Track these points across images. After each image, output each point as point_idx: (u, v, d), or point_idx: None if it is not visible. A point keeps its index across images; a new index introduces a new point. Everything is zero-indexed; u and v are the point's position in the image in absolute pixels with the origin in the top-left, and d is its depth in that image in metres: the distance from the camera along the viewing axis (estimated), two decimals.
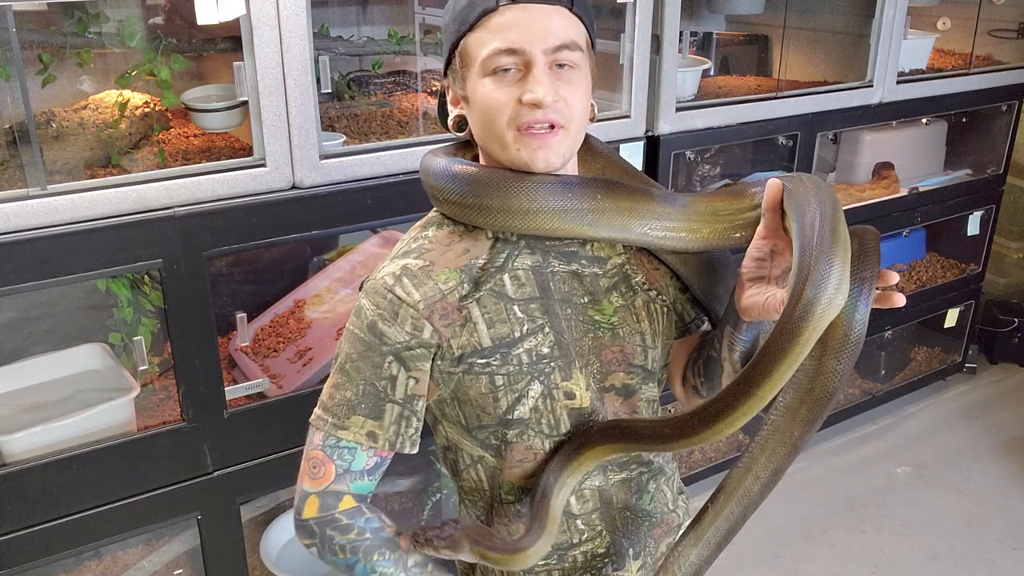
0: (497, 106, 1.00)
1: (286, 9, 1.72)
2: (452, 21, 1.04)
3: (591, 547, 1.16)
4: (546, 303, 1.08)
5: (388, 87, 2.29)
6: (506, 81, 0.99)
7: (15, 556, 1.74)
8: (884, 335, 3.34)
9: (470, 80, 1.03)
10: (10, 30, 1.55)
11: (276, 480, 2.05)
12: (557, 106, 0.99)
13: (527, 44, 0.98)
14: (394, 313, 1.04)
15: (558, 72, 1.00)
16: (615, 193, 1.06)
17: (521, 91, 0.98)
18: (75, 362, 2.01)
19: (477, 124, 1.05)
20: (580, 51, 1.01)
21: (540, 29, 0.98)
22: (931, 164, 3.37)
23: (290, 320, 2.28)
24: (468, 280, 1.06)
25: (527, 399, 1.08)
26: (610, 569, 1.17)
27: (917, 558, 2.71)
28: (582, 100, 1.02)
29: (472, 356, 1.05)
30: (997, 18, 3.25)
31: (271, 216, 1.82)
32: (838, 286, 0.88)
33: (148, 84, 1.94)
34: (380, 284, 1.06)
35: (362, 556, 1.05)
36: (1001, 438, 3.31)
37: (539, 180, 1.03)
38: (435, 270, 1.06)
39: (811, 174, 1.03)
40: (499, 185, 1.03)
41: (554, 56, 0.99)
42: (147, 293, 1.97)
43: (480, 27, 1.00)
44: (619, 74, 2.27)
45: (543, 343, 1.07)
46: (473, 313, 1.05)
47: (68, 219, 1.63)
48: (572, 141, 1.03)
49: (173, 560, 2.12)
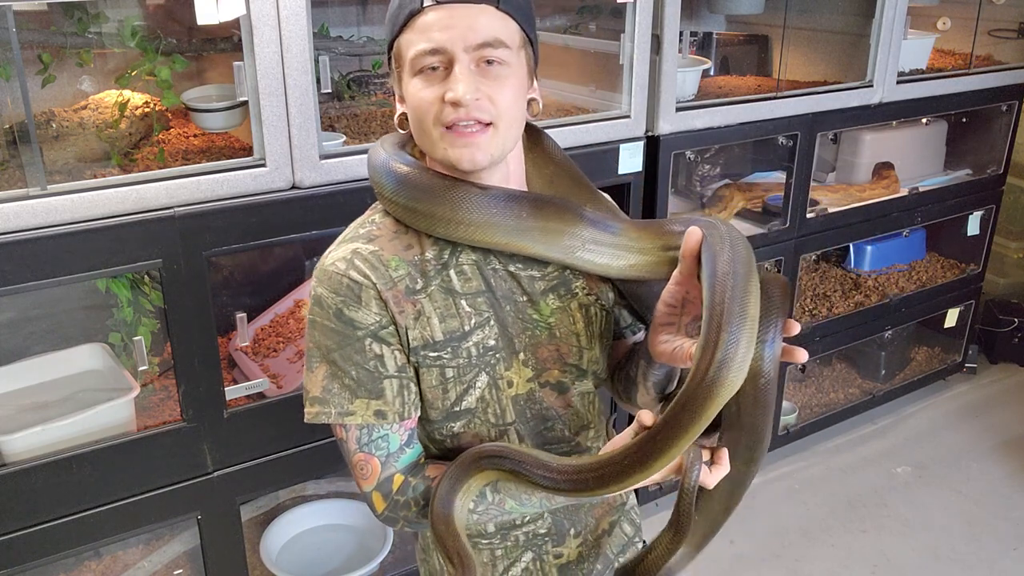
0: (423, 105, 1.01)
1: (286, 9, 1.72)
2: (387, 22, 1.07)
3: (533, 528, 1.20)
4: (491, 297, 1.11)
5: (388, 87, 2.29)
6: (432, 80, 1.01)
7: (15, 556, 1.74)
8: (884, 335, 3.34)
9: (404, 80, 1.05)
10: (10, 30, 1.55)
11: (276, 480, 2.05)
12: (480, 104, 0.99)
13: (448, 43, 0.99)
14: (356, 297, 1.05)
15: (485, 69, 1.01)
16: (543, 212, 1.06)
17: (444, 90, 0.99)
18: (75, 362, 2.01)
19: (412, 123, 1.06)
20: (507, 48, 1.01)
21: (463, 27, 0.99)
22: (931, 164, 3.37)
23: (290, 320, 2.28)
24: (417, 274, 1.08)
25: (474, 389, 1.11)
26: (550, 545, 1.22)
27: (917, 558, 2.71)
28: (510, 97, 1.02)
29: (424, 349, 1.08)
30: (997, 18, 3.25)
31: (271, 216, 1.82)
32: (743, 360, 0.90)
33: (148, 84, 1.94)
34: (333, 270, 1.06)
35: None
36: (1001, 438, 3.31)
37: (465, 191, 1.04)
38: (385, 256, 1.08)
39: (729, 223, 1.05)
40: (428, 190, 1.05)
41: (478, 53, 1.00)
42: (147, 293, 1.97)
43: (408, 28, 1.02)
44: (619, 74, 2.27)
45: (489, 335, 1.10)
46: (426, 308, 1.08)
47: (68, 219, 1.63)
48: (502, 139, 1.03)
49: (173, 560, 2.12)
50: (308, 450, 1.99)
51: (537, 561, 1.22)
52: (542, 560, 1.22)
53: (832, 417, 3.27)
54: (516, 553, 1.21)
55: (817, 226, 2.91)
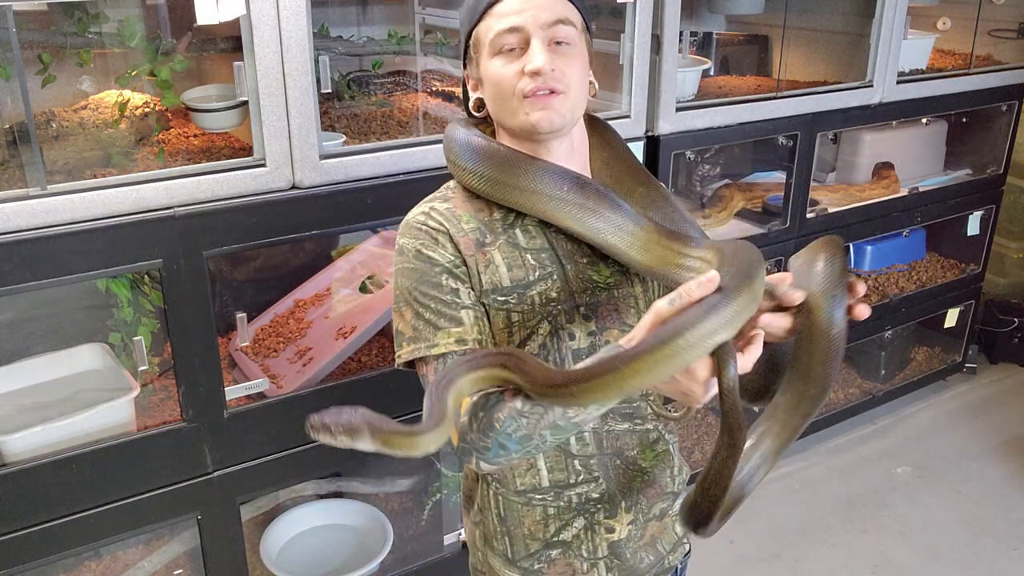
0: (505, 79, 1.14)
1: (286, 9, 1.72)
2: (465, 15, 1.20)
3: (586, 490, 1.24)
4: (553, 255, 1.20)
5: (388, 87, 2.29)
6: (511, 58, 1.14)
7: (15, 556, 1.74)
8: (884, 335, 3.35)
9: (483, 63, 1.17)
10: (10, 30, 1.55)
11: (276, 480, 2.05)
12: (554, 74, 1.12)
13: (525, 22, 1.12)
14: (434, 239, 1.17)
15: (556, 49, 1.14)
16: (583, 191, 1.15)
17: (524, 64, 1.12)
18: (75, 362, 2.01)
19: (490, 99, 1.19)
20: (574, 28, 1.15)
21: (536, 8, 1.13)
22: (931, 164, 3.37)
23: (290, 320, 2.28)
24: (486, 230, 1.19)
25: (537, 335, 1.19)
26: (601, 515, 1.26)
27: (917, 558, 2.71)
28: (578, 72, 1.15)
29: (494, 293, 1.17)
30: (997, 18, 3.25)
31: (271, 216, 1.82)
32: (724, 325, 0.91)
33: (148, 84, 1.94)
34: (413, 222, 1.20)
35: (498, 429, 1.07)
36: (1001, 438, 3.31)
37: (525, 162, 1.15)
38: (458, 213, 1.20)
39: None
40: (493, 159, 1.17)
41: (551, 32, 1.13)
42: (147, 293, 1.97)
43: (487, 16, 1.15)
44: (619, 74, 2.27)
45: (552, 288, 1.19)
46: (495, 258, 1.18)
47: (68, 219, 1.63)
48: (572, 105, 1.15)
49: (173, 560, 2.12)
50: (308, 450, 1.99)
51: (588, 531, 1.26)
52: (593, 531, 1.26)
53: (832, 417, 3.27)
54: (568, 516, 1.25)
55: (817, 226, 2.90)
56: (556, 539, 1.26)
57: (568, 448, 1.22)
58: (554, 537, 1.26)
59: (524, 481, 1.24)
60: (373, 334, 2.16)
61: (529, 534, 1.26)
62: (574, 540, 1.26)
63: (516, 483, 1.25)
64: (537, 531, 1.26)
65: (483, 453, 1.08)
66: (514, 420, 1.04)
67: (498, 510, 1.28)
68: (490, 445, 1.07)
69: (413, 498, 2.44)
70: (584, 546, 1.26)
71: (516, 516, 1.26)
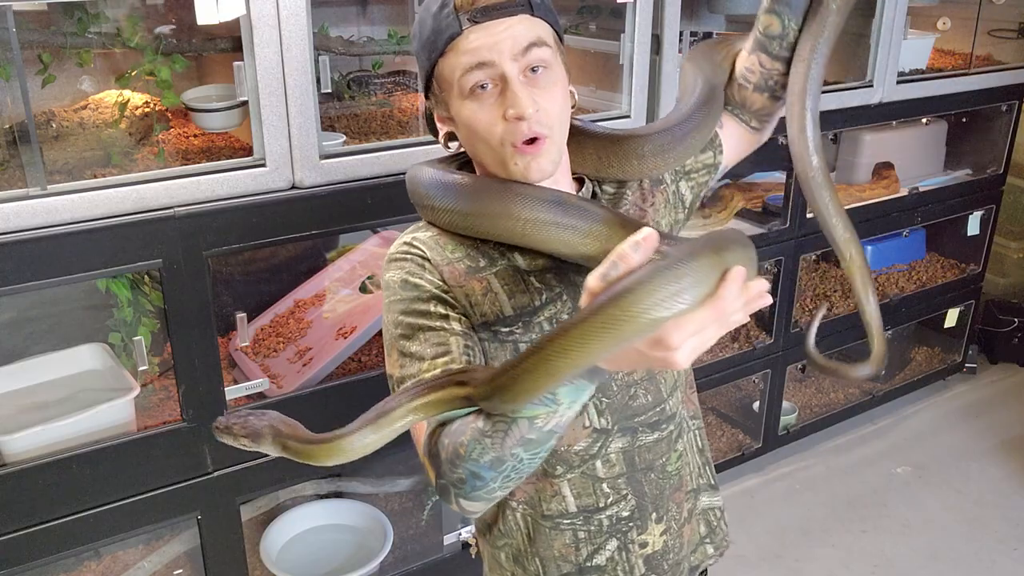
0: (484, 126, 1.04)
1: (286, 9, 1.72)
2: (422, 49, 1.08)
3: (616, 510, 1.18)
4: (560, 272, 1.11)
5: (388, 87, 2.29)
6: (486, 99, 1.03)
7: (15, 556, 1.74)
8: (884, 335, 3.34)
9: (452, 103, 1.06)
10: (10, 30, 1.55)
11: (276, 480, 2.05)
12: (538, 116, 1.02)
13: (496, 55, 1.01)
14: (420, 267, 1.10)
15: (532, 78, 1.03)
16: (563, 208, 1.07)
17: (503, 108, 1.02)
18: (75, 362, 2.01)
19: (467, 142, 1.09)
20: (548, 47, 1.04)
21: (505, 37, 1.01)
22: (931, 164, 3.37)
23: (290, 320, 2.28)
24: (478, 255, 1.11)
25: None
26: (635, 533, 1.20)
27: (917, 558, 2.71)
28: (559, 102, 1.06)
29: (496, 324, 1.09)
30: (997, 18, 3.25)
31: (271, 216, 1.82)
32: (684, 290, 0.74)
33: (148, 84, 1.93)
34: (396, 254, 1.12)
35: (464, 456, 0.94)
36: (1001, 438, 3.31)
37: (488, 187, 1.08)
38: (442, 241, 1.12)
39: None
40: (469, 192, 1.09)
41: (525, 60, 1.02)
42: (147, 293, 1.97)
43: (450, 52, 1.03)
44: (619, 74, 2.27)
45: (563, 310, 1.11)
46: (493, 284, 1.10)
47: (68, 219, 1.63)
48: (559, 143, 1.07)
49: (173, 560, 2.13)
50: None
51: (623, 551, 1.20)
52: (627, 550, 1.20)
53: (832, 417, 3.27)
54: (600, 540, 1.19)
55: (817, 226, 2.90)
56: (589, 564, 1.20)
57: (594, 472, 1.16)
58: (587, 562, 1.20)
59: (551, 507, 1.18)
60: (373, 334, 2.16)
61: (560, 556, 1.20)
62: (608, 563, 1.20)
63: (543, 507, 1.18)
64: (568, 554, 1.20)
65: (459, 488, 0.96)
66: (478, 443, 0.92)
67: (527, 531, 1.21)
68: (464, 476, 0.94)
69: (413, 498, 2.44)
70: (620, 567, 1.21)
71: (545, 539, 1.20)
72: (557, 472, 1.17)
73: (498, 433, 0.91)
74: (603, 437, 1.16)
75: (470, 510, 1.01)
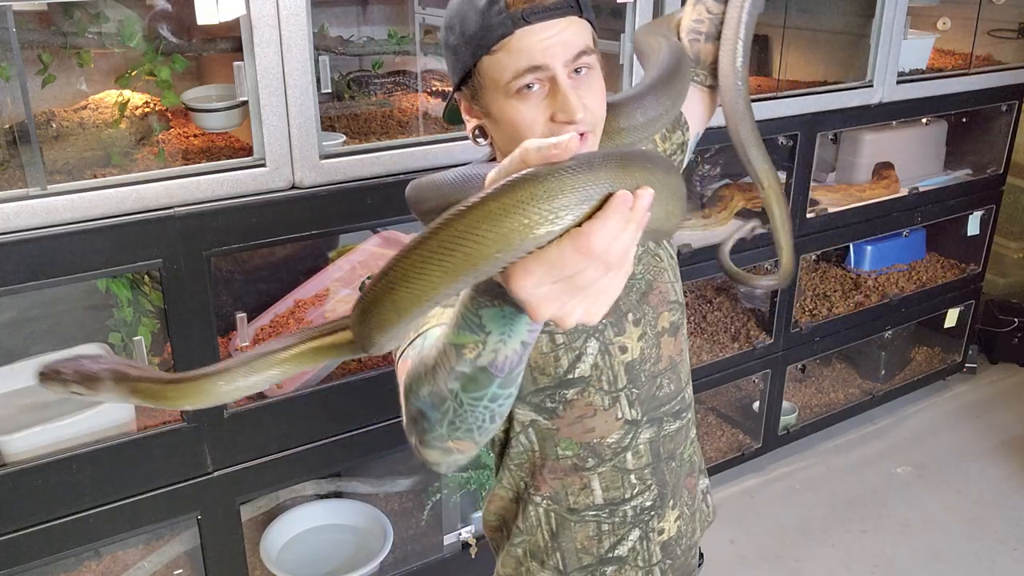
0: (527, 125, 1.02)
1: (286, 9, 1.72)
2: (465, 44, 1.03)
3: (640, 501, 1.22)
4: None
5: (388, 87, 2.29)
6: (532, 99, 1.01)
7: (15, 556, 1.74)
8: (884, 335, 3.34)
9: (493, 101, 1.04)
10: (10, 30, 1.55)
11: (276, 480, 2.05)
12: (585, 116, 1.02)
13: (549, 59, 0.99)
14: None
15: (577, 79, 1.02)
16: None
17: (550, 109, 1.01)
18: None
19: (504, 138, 1.06)
20: (594, 53, 1.04)
21: (557, 43, 0.99)
22: (931, 164, 3.37)
23: (290, 320, 2.27)
24: None
25: (587, 356, 1.14)
26: (655, 522, 1.24)
27: (917, 558, 2.71)
28: (601, 100, 1.06)
29: None
30: (997, 18, 3.25)
31: (271, 216, 1.82)
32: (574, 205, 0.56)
33: (148, 84, 1.93)
34: None
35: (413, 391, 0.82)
36: (1001, 438, 3.31)
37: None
38: None
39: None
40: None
41: (573, 64, 1.01)
42: (147, 293, 1.97)
43: (499, 50, 1.00)
44: (619, 74, 2.27)
45: None
46: None
47: (68, 219, 1.63)
48: (598, 139, 1.08)
49: (173, 560, 2.12)
50: (308, 450, 1.99)
51: (644, 540, 1.24)
52: (648, 539, 1.24)
53: (832, 417, 3.27)
54: (623, 531, 1.23)
55: (817, 226, 2.91)
56: (611, 555, 1.23)
57: (624, 465, 1.20)
58: (608, 553, 1.22)
59: (577, 500, 1.21)
60: None
61: (582, 548, 1.23)
62: (629, 554, 1.23)
63: (569, 501, 1.21)
64: (590, 546, 1.23)
65: (412, 429, 0.84)
66: (417, 373, 0.79)
67: (550, 526, 1.23)
68: (415, 415, 0.82)
69: (413, 498, 2.44)
70: (640, 556, 1.24)
71: (569, 533, 1.22)
72: (588, 465, 1.19)
73: (428, 360, 0.77)
74: (634, 428, 1.19)
75: (430, 460, 0.88)
